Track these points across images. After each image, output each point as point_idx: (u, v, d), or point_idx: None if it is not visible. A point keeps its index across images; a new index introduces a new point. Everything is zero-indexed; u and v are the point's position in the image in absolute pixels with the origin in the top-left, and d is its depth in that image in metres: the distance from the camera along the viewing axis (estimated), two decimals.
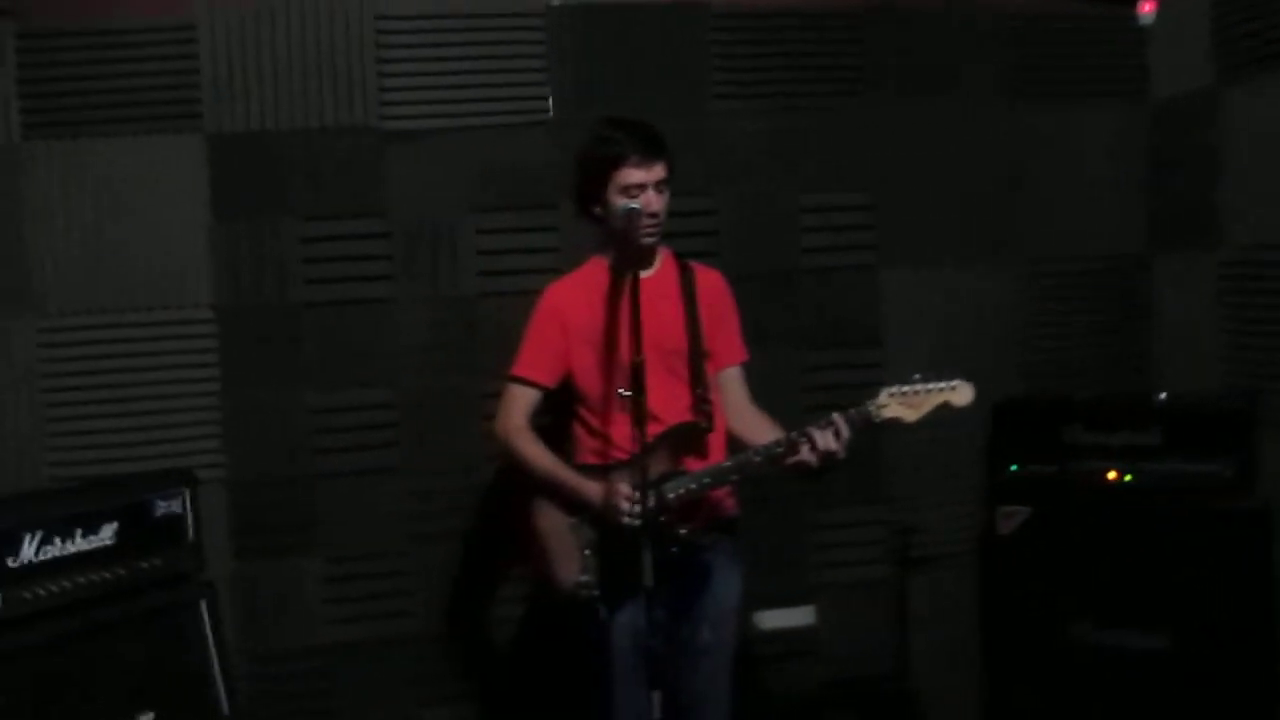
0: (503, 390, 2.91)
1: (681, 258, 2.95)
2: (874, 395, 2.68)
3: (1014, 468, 3.57)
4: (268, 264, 3.43)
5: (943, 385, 2.64)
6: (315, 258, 3.46)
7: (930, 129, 3.79)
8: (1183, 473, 3.33)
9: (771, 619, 3.71)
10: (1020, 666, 3.55)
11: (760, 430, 2.85)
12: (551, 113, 3.56)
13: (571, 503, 2.78)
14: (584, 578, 2.74)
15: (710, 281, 2.96)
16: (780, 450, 2.68)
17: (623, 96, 3.56)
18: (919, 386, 2.65)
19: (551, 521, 2.81)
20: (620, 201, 2.70)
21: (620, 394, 2.59)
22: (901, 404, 2.65)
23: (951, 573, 3.81)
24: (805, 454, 2.65)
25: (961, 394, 2.66)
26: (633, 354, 2.42)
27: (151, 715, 2.92)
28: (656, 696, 2.34)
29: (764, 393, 3.55)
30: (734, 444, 2.88)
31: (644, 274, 2.79)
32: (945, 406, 2.65)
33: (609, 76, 3.57)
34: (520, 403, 2.85)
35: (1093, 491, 3.44)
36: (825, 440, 2.62)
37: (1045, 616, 3.48)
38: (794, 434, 2.67)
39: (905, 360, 3.68)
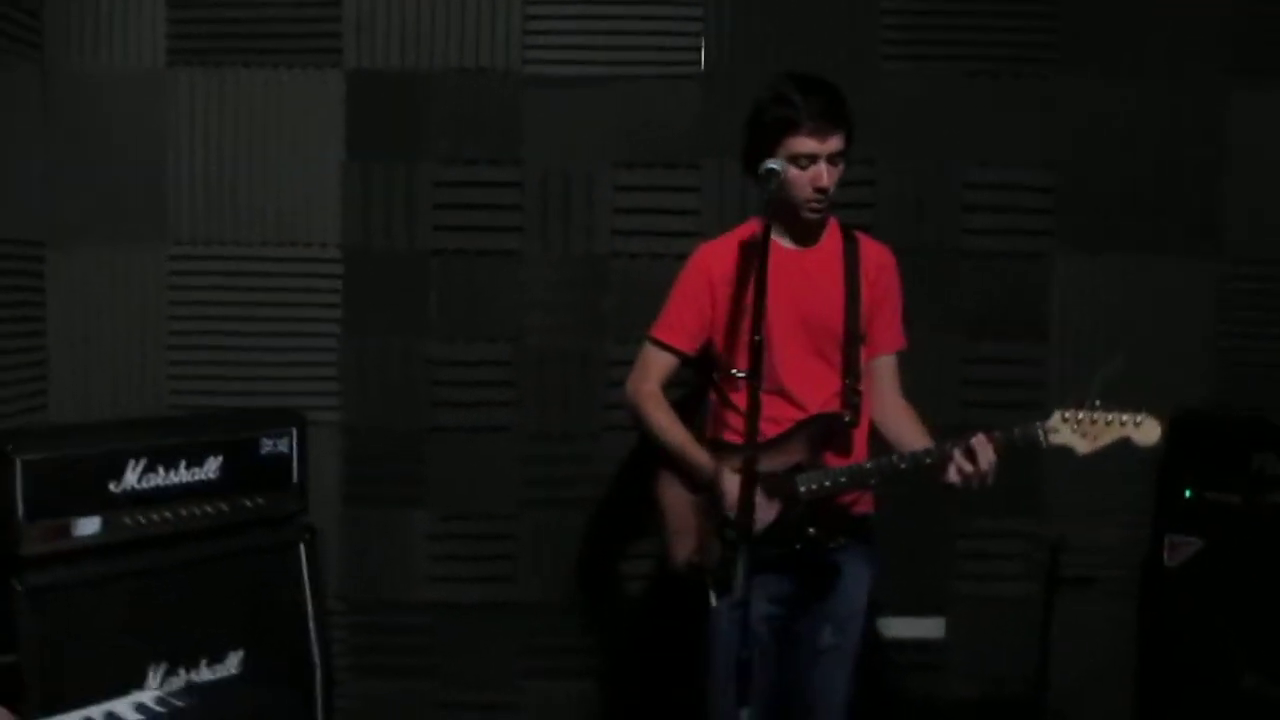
0: (640, 350, 2.68)
1: (848, 229, 2.66)
2: (1045, 416, 2.38)
3: (1189, 493, 3.17)
4: (398, 207, 3.33)
5: (1126, 418, 2.34)
6: (446, 204, 3.34)
7: (1129, 107, 3.38)
8: None
9: (898, 627, 3.43)
10: (1181, 710, 3.16)
11: (906, 429, 2.59)
12: (702, 66, 3.33)
13: (696, 481, 2.57)
14: (697, 558, 2.55)
15: (877, 258, 2.66)
16: (929, 462, 2.42)
17: (781, 53, 3.29)
18: (1098, 415, 2.35)
19: (674, 495, 2.62)
20: (792, 172, 2.43)
21: (735, 374, 2.36)
22: (1076, 431, 2.36)
23: (1105, 601, 3.43)
24: (952, 474, 2.39)
25: (1148, 432, 2.34)
26: (753, 331, 2.18)
27: (241, 653, 2.90)
28: (745, 713, 2.11)
29: (915, 382, 3.31)
30: (876, 437, 2.63)
31: (807, 247, 2.57)
32: (1126, 443, 2.34)
33: (768, 30, 3.31)
34: (656, 367, 2.64)
35: (1278, 529, 3.01)
36: (979, 462, 2.36)
37: (1211, 663, 3.09)
38: (948, 445, 2.40)
39: (1073, 360, 3.38)
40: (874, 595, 2.66)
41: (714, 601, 2.50)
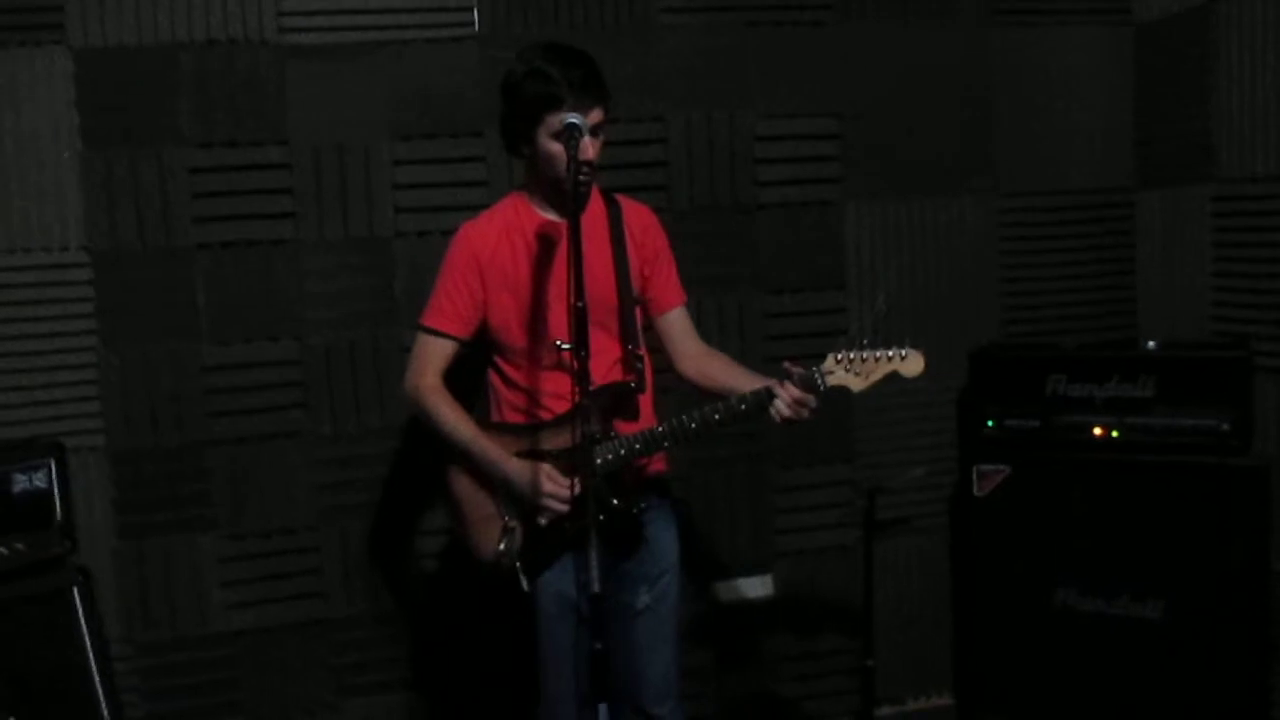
0: (414, 342, 2.54)
1: (608, 193, 2.59)
2: (820, 360, 2.43)
3: (991, 423, 3.26)
4: (151, 200, 2.99)
5: (891, 353, 2.42)
6: (206, 191, 3.02)
7: (901, 52, 3.43)
8: (1176, 427, 3.03)
9: (728, 590, 3.40)
10: (998, 637, 3.25)
11: (724, 372, 2.57)
12: (478, 27, 3.14)
13: (490, 473, 2.47)
14: (503, 546, 2.47)
15: (640, 219, 2.61)
16: (718, 418, 2.43)
17: (559, 9, 3.16)
18: (866, 353, 2.43)
19: (468, 487, 2.52)
20: (550, 146, 2.35)
21: (558, 345, 2.27)
22: (849, 371, 2.42)
23: (923, 537, 3.52)
24: (775, 415, 2.40)
25: (912, 364, 2.43)
26: (574, 298, 2.09)
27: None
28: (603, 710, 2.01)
29: (720, 341, 3.30)
30: (695, 390, 2.61)
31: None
32: (894, 376, 2.43)
33: None
34: (432, 357, 2.51)
35: (1078, 448, 3.14)
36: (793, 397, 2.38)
37: (1026, 584, 3.18)
38: (736, 401, 2.43)
39: (871, 304, 3.41)
40: (682, 551, 2.62)
41: (525, 587, 2.45)
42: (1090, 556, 3.11)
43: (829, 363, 2.43)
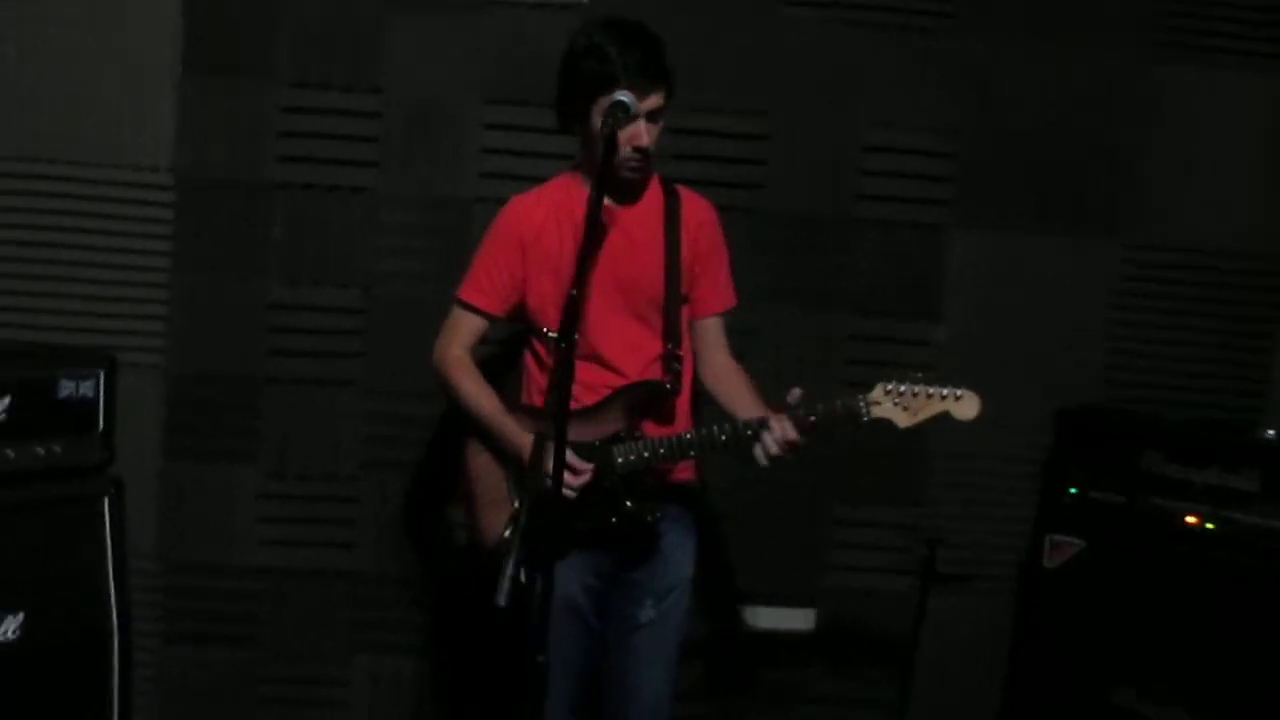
0: (448, 312, 2.48)
1: (668, 183, 2.47)
2: (867, 389, 2.29)
3: (1074, 491, 2.99)
4: (239, 132, 3.01)
5: (946, 391, 2.29)
6: (294, 131, 3.02)
7: (1040, 73, 3.16)
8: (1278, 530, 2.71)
9: (765, 617, 3.22)
10: None
11: (737, 392, 2.45)
12: None
13: (505, 451, 2.40)
14: (507, 533, 2.37)
15: (698, 213, 2.48)
16: (750, 434, 2.30)
17: None
18: (919, 388, 2.30)
19: (482, 465, 2.46)
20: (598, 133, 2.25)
21: (548, 334, 2.18)
22: (897, 404, 2.28)
23: (980, 601, 3.25)
24: (769, 443, 2.29)
25: (966, 406, 2.30)
26: (573, 284, 2.00)
27: (21, 616, 2.59)
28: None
29: (798, 358, 3.11)
30: (706, 399, 2.51)
31: (625, 206, 2.39)
32: (946, 417, 2.30)
33: None
34: (463, 330, 2.46)
35: (1165, 534, 2.85)
36: (772, 439, 2.28)
37: (1083, 672, 2.92)
38: (771, 419, 2.29)
39: (962, 344, 3.17)
40: (697, 567, 2.52)
41: (522, 579, 2.26)
42: (1156, 657, 2.82)
43: (877, 393, 2.29)
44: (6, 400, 2.57)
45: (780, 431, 2.25)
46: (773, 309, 3.11)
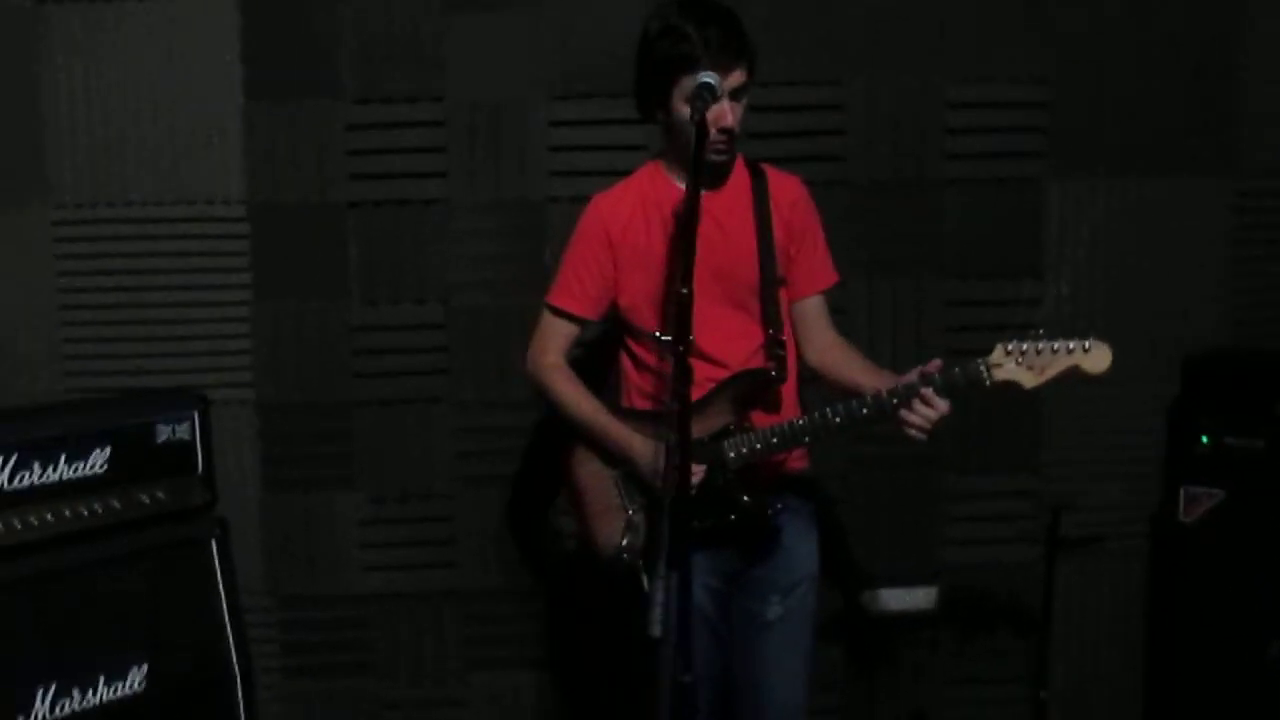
0: (539, 317, 2.41)
1: (753, 163, 2.36)
2: (987, 352, 2.14)
3: (1206, 439, 2.83)
4: (308, 155, 2.95)
5: (1073, 345, 2.11)
6: (362, 149, 2.96)
7: (1126, 8, 2.99)
8: None
9: (886, 599, 3.11)
10: (1196, 684, 2.86)
11: (854, 368, 2.34)
12: None
13: (613, 456, 2.32)
14: (625, 541, 2.31)
15: (787, 192, 2.37)
16: (866, 414, 2.18)
17: None
18: (1043, 344, 2.12)
19: (592, 474, 2.38)
20: (685, 111, 2.14)
21: (657, 338, 2.09)
22: (1021, 364, 2.13)
23: (1115, 562, 3.10)
24: (905, 427, 2.16)
25: (1097, 359, 2.11)
26: (680, 284, 1.88)
27: (145, 667, 2.57)
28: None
29: (892, 329, 3.02)
30: (817, 381, 2.41)
31: (713, 191, 2.28)
32: (1076, 371, 2.12)
33: None
34: (556, 336, 2.38)
35: None
36: (921, 412, 2.13)
37: (1235, 627, 2.77)
38: (887, 396, 2.16)
39: (1072, 299, 3.03)
40: (822, 557, 2.43)
41: (646, 586, 2.26)
42: None
43: (997, 354, 2.14)
44: (106, 451, 2.56)
45: (931, 406, 2.11)
46: (867, 282, 2.99)
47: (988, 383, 2.14)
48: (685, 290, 1.86)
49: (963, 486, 3.10)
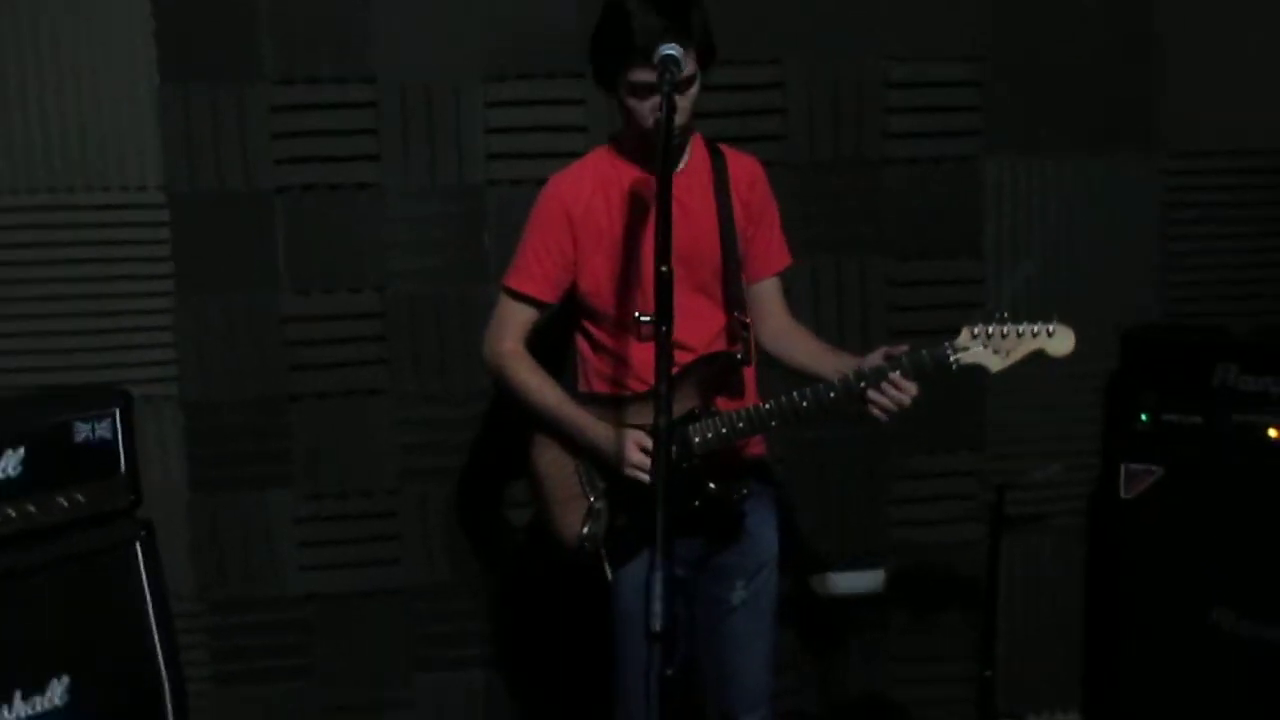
0: (496, 303, 2.33)
1: (711, 143, 2.32)
2: (953, 335, 2.14)
3: (1145, 416, 2.87)
4: (229, 139, 2.81)
5: (1037, 328, 2.13)
6: (288, 132, 2.83)
7: None
8: None
9: (833, 583, 3.09)
10: (1138, 656, 2.90)
11: (808, 350, 2.33)
12: None
13: (576, 444, 2.26)
14: (587, 530, 2.27)
15: (746, 172, 2.34)
16: (833, 397, 2.16)
17: None
18: (1008, 328, 2.13)
19: (552, 462, 2.32)
20: (628, 101, 2.13)
21: (639, 319, 2.04)
22: (987, 347, 2.13)
23: (1057, 537, 3.15)
24: (872, 409, 2.15)
25: (1060, 341, 2.14)
26: (658, 262, 1.83)
27: (66, 680, 2.43)
28: None
29: (839, 310, 2.99)
30: (774, 365, 2.39)
31: (673, 174, 2.20)
32: (1039, 355, 2.14)
33: None
34: (514, 321, 2.31)
35: (1247, 451, 2.74)
36: (898, 394, 2.12)
37: (1175, 600, 2.83)
38: (854, 379, 2.14)
39: (1014, 271, 3.05)
40: (783, 541, 2.42)
41: (610, 575, 2.24)
42: (1253, 575, 2.73)
43: (964, 337, 2.14)
44: (20, 453, 2.40)
45: (899, 390, 2.10)
46: (810, 262, 2.96)
47: (954, 366, 2.13)
48: (665, 269, 1.81)
49: (907, 466, 3.12)
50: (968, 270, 3.05)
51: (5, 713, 2.34)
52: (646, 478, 2.14)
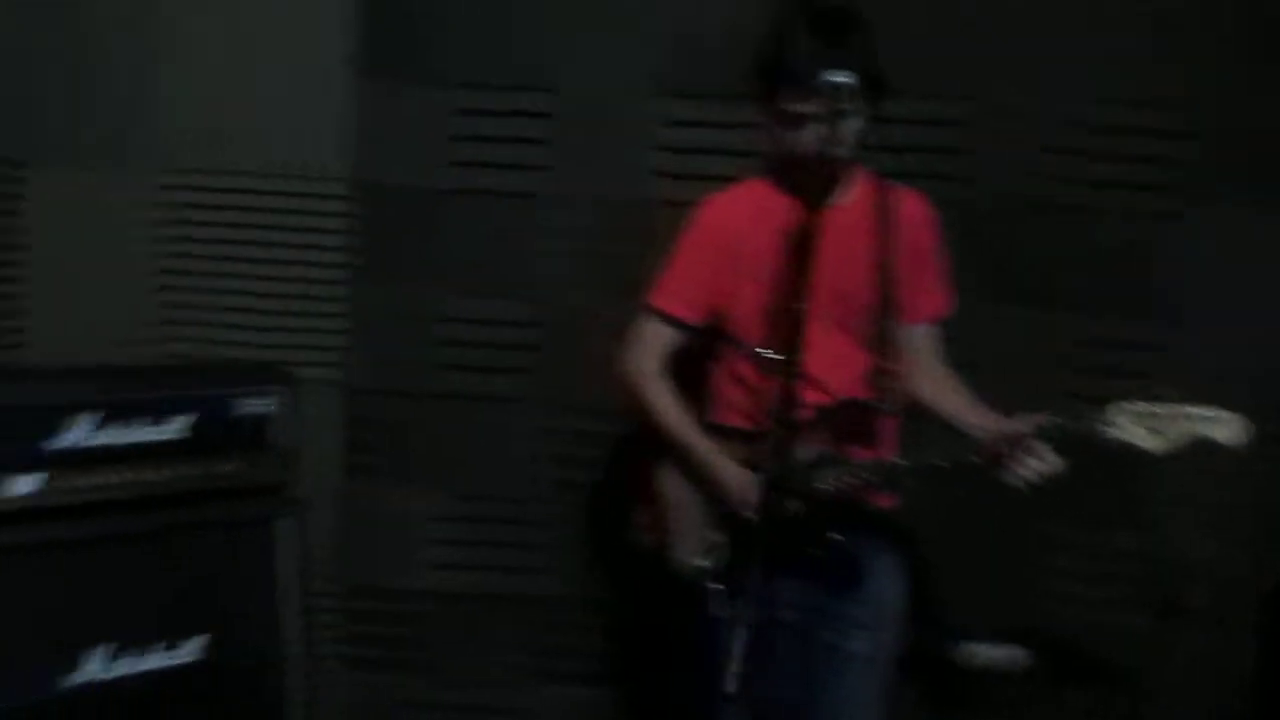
0: (637, 321, 2.32)
1: (880, 179, 2.24)
2: (1109, 406, 1.97)
3: None
4: (413, 135, 2.92)
5: (1204, 412, 1.93)
6: (468, 135, 2.91)
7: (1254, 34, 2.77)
8: None
9: (974, 654, 2.92)
10: None
11: (956, 405, 2.21)
12: None
13: (700, 475, 2.23)
14: (701, 561, 2.23)
15: (912, 212, 2.25)
16: (974, 460, 2.05)
17: None
18: (1170, 408, 1.94)
19: (677, 490, 2.29)
20: (784, 129, 2.08)
21: (761, 353, 1.98)
22: (1143, 426, 1.94)
23: (1221, 634, 2.86)
24: (1010, 477, 2.02)
25: (1228, 429, 1.92)
26: (792, 299, 1.81)
27: (204, 638, 2.54)
28: None
29: (1010, 367, 2.80)
30: (919, 418, 2.27)
31: (834, 206, 2.15)
32: (1205, 442, 1.94)
33: None
34: (655, 341, 2.29)
35: None
36: (1034, 464, 1.99)
37: None
38: (993, 440, 2.03)
39: (1209, 352, 2.77)
40: (916, 601, 2.33)
41: (717, 611, 2.17)
42: None
43: (1120, 411, 1.97)
44: (187, 419, 2.53)
45: (1040, 458, 1.97)
46: (982, 312, 2.81)
47: (1102, 439, 1.97)
48: (798, 306, 1.75)
49: (1061, 538, 2.90)
50: (1152, 334, 2.83)
51: (146, 661, 2.45)
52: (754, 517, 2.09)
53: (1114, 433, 1.96)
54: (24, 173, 2.86)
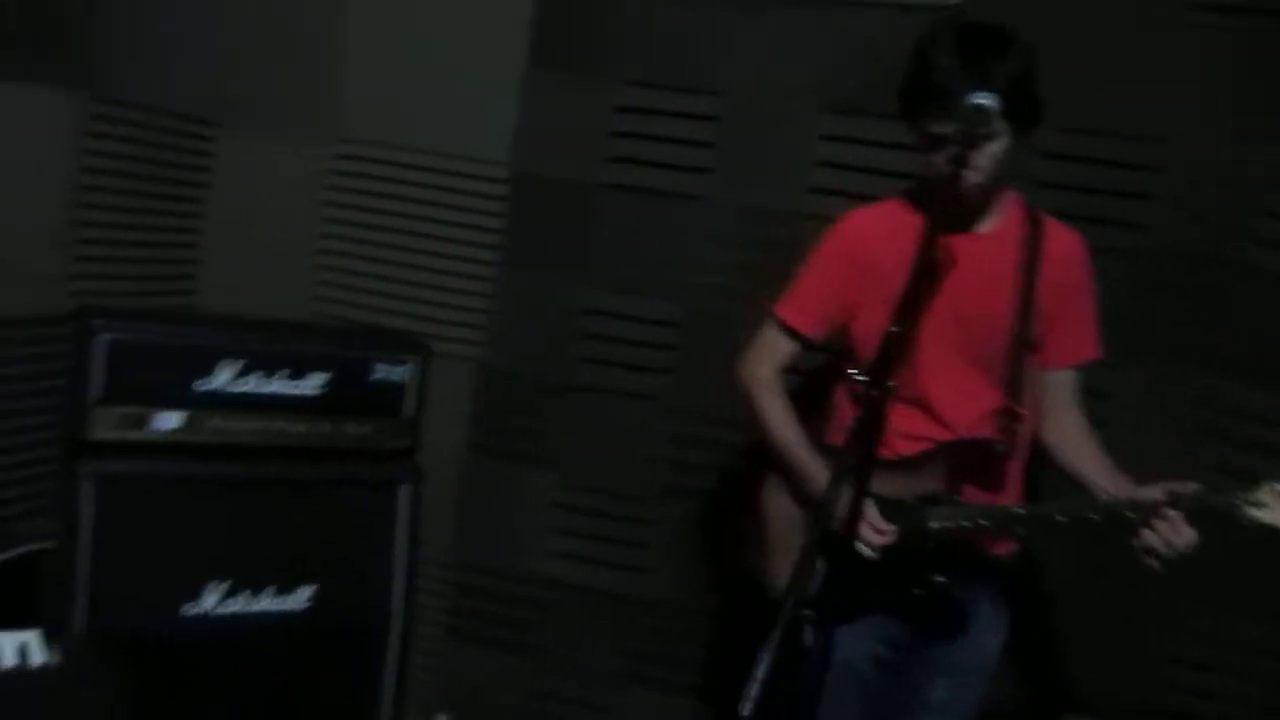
0: (761, 328, 2.26)
1: (1033, 211, 2.12)
2: (1253, 485, 1.81)
3: None
4: (576, 129, 2.95)
5: None
6: (627, 132, 2.92)
7: None
8: None
9: None
10: None
11: (1087, 460, 2.09)
12: None
13: (804, 493, 2.16)
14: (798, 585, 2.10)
15: (1064, 248, 2.12)
16: (1095, 519, 1.91)
17: None
18: None
19: (780, 507, 2.23)
20: (922, 150, 2.01)
21: (850, 374, 1.91)
22: None
23: None
24: (1146, 541, 1.86)
25: None
26: (896, 321, 1.72)
27: (314, 588, 2.64)
28: None
29: (1160, 431, 2.63)
30: (1045, 456, 2.17)
31: (976, 234, 2.09)
32: None
33: None
34: (776, 351, 2.24)
35: None
36: (1165, 536, 1.84)
37: None
38: (1122, 503, 1.90)
39: None
40: (1002, 647, 2.20)
41: (809, 641, 2.03)
42: None
43: (1265, 492, 1.80)
44: (323, 376, 2.64)
45: (1175, 533, 1.83)
46: (1131, 367, 2.63)
47: (1248, 522, 1.80)
48: (901, 330, 1.68)
49: (1193, 624, 2.67)
50: None
51: (257, 602, 2.58)
52: (871, 555, 2.02)
53: (1259, 515, 1.79)
54: (214, 131, 3.03)
